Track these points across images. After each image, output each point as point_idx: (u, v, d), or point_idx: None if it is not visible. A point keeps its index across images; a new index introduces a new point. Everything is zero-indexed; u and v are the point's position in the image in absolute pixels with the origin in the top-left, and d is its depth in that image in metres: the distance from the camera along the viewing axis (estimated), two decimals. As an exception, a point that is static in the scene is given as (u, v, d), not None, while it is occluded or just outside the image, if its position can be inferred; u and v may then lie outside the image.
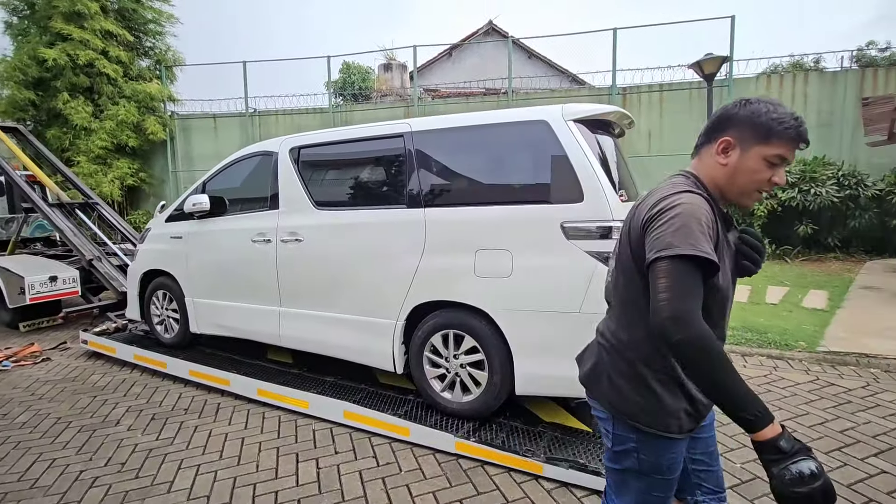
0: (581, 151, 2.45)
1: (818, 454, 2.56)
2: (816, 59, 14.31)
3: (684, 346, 0.99)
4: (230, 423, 3.13)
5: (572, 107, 2.55)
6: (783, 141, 1.12)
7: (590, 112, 2.56)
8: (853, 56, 15.64)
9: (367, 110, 12.67)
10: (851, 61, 14.33)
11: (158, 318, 4.28)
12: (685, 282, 1.01)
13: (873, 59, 15.46)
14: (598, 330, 1.36)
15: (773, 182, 1.15)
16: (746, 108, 1.14)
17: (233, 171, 3.81)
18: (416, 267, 2.83)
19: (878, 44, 16.68)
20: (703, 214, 1.07)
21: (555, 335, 2.50)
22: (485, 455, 2.55)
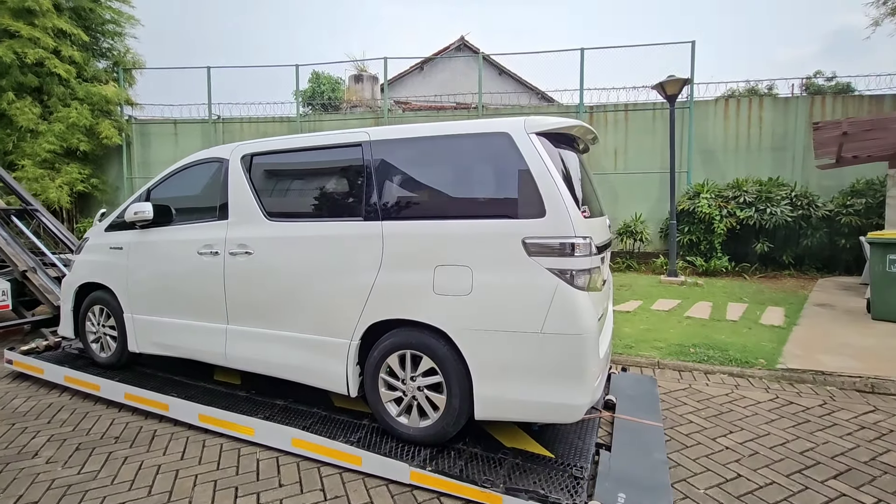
0: (543, 165, 2.37)
1: (780, 477, 2.52)
2: (770, 85, 15.09)
3: None
4: (165, 453, 2.85)
5: (535, 119, 2.48)
6: None
7: (552, 125, 2.49)
8: (803, 84, 16.59)
9: (336, 120, 12.49)
10: (801, 89, 15.18)
11: (94, 336, 3.93)
12: None
13: (820, 88, 16.47)
14: None
15: None
16: None
17: (180, 178, 3.57)
18: (373, 283, 2.67)
19: (825, 73, 17.83)
20: None
21: (515, 356, 2.37)
22: (441, 486, 2.38)
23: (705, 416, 3.28)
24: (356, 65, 14.20)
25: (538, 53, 11.60)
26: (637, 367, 4.30)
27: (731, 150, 10.56)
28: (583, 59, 10.74)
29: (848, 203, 9.03)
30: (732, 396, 3.62)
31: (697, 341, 4.77)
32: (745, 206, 9.19)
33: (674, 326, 5.39)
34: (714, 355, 4.37)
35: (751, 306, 6.36)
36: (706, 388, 3.81)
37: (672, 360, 4.30)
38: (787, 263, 9.25)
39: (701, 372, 4.14)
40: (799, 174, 10.16)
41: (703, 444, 2.89)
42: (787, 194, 9.18)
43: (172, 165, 3.62)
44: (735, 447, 2.85)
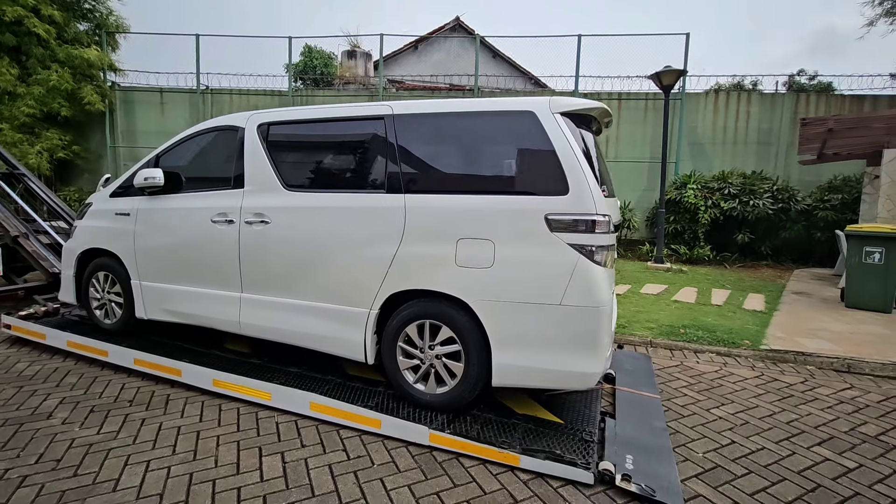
0: (567, 144, 2.46)
1: (770, 444, 2.73)
2: (755, 81, 15.42)
3: None
4: (183, 416, 2.90)
5: (559, 99, 2.56)
6: None
7: (576, 106, 2.58)
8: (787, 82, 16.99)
9: (330, 96, 12.29)
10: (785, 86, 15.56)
11: (98, 302, 3.90)
12: None
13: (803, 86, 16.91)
14: None
15: None
16: None
17: (191, 145, 3.54)
18: (394, 254, 2.74)
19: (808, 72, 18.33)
20: None
21: (534, 326, 2.49)
22: (460, 447, 2.51)
23: (697, 390, 3.49)
24: (350, 40, 13.95)
25: (535, 38, 11.57)
26: (631, 345, 4.50)
27: (719, 143, 10.84)
28: (580, 45, 10.79)
29: (825, 198, 9.43)
30: (721, 373, 3.84)
31: (686, 322, 5.00)
32: (729, 197, 9.50)
33: (663, 309, 5.62)
34: (703, 336, 4.60)
35: (733, 293, 6.65)
36: (697, 365, 4.03)
37: (663, 340, 4.52)
38: (766, 254, 9.64)
39: (691, 351, 4.36)
40: (781, 169, 10.51)
41: (698, 415, 3.09)
42: (769, 188, 9.52)
43: (183, 132, 3.58)
44: (727, 417, 3.06)
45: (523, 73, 16.58)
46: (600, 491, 2.24)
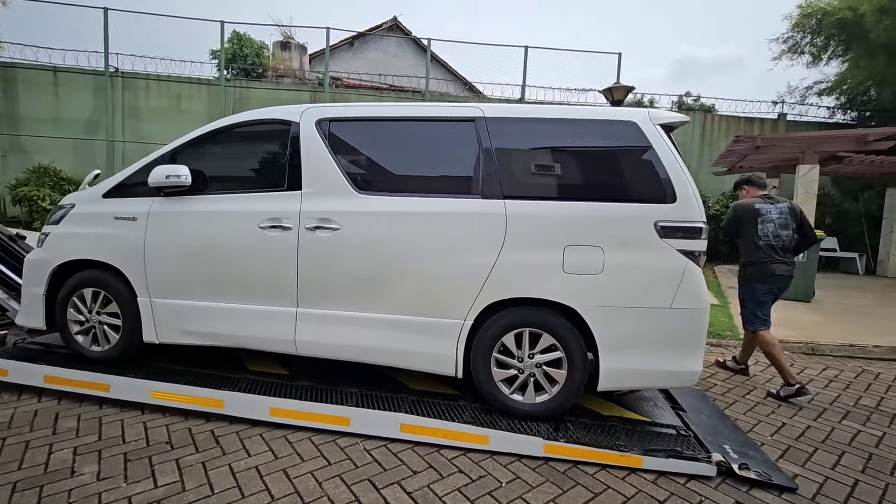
0: (671, 154, 2.59)
1: (813, 423, 3.13)
2: (652, 99, 17.42)
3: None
4: (250, 454, 2.50)
5: (658, 112, 2.68)
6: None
7: (673, 119, 2.72)
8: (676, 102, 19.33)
9: (268, 89, 11.37)
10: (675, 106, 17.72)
11: (82, 326, 3.19)
12: None
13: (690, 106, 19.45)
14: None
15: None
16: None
17: (221, 139, 3.07)
18: (494, 263, 2.65)
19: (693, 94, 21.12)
20: None
21: (643, 330, 2.58)
22: (580, 455, 2.50)
23: (721, 379, 3.87)
24: (283, 31, 13.04)
25: (482, 45, 11.86)
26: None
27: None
28: (526, 56, 11.30)
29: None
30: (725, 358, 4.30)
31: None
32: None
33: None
34: (692, 329, 5.10)
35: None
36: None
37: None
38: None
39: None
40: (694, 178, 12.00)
41: (740, 402, 3.43)
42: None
43: (208, 125, 3.08)
44: (765, 402, 3.44)
45: (458, 77, 16.86)
46: (721, 482, 2.39)
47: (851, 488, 2.40)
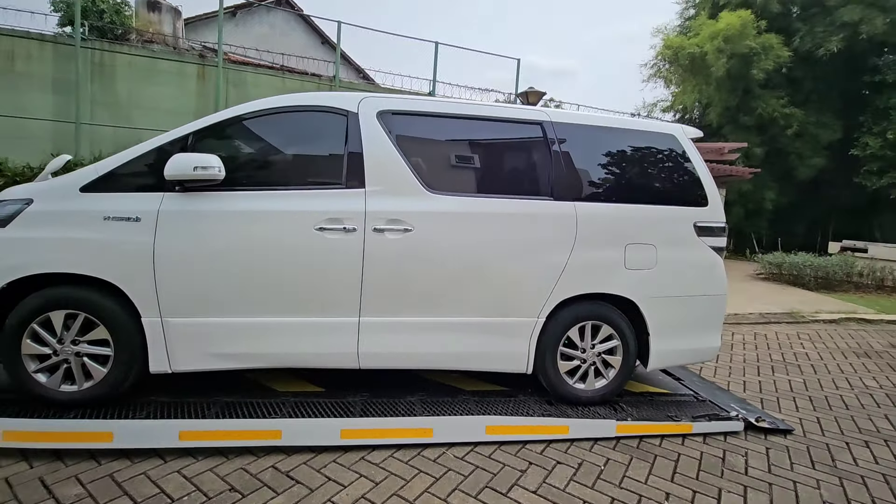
0: (703, 164, 3.04)
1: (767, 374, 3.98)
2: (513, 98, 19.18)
3: None
4: (344, 485, 2.23)
5: (687, 127, 3.11)
6: None
7: (697, 134, 3.16)
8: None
9: (142, 56, 9.44)
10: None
11: (43, 362, 2.41)
12: None
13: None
14: None
15: None
16: None
17: (255, 125, 2.59)
18: (566, 261, 2.79)
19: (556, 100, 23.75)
20: None
21: (684, 315, 3.00)
22: (644, 430, 2.81)
23: (677, 351, 4.62)
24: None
25: (393, 35, 11.54)
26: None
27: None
28: (437, 52, 11.40)
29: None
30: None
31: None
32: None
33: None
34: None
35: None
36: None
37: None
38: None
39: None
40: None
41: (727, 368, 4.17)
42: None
43: (237, 107, 2.57)
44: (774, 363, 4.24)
45: (350, 63, 16.18)
46: (745, 434, 2.94)
47: (818, 423, 3.18)
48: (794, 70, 11.95)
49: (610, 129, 2.99)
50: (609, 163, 2.99)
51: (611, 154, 2.99)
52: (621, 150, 3.00)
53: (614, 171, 2.99)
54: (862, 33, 10.81)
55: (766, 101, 12.07)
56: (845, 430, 3.12)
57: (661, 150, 3.04)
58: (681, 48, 11.11)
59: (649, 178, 3.06)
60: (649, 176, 3.06)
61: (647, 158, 3.05)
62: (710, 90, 11.64)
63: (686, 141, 3.05)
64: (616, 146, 2.99)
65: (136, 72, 9.57)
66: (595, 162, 2.96)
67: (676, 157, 3.03)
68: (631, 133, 3.01)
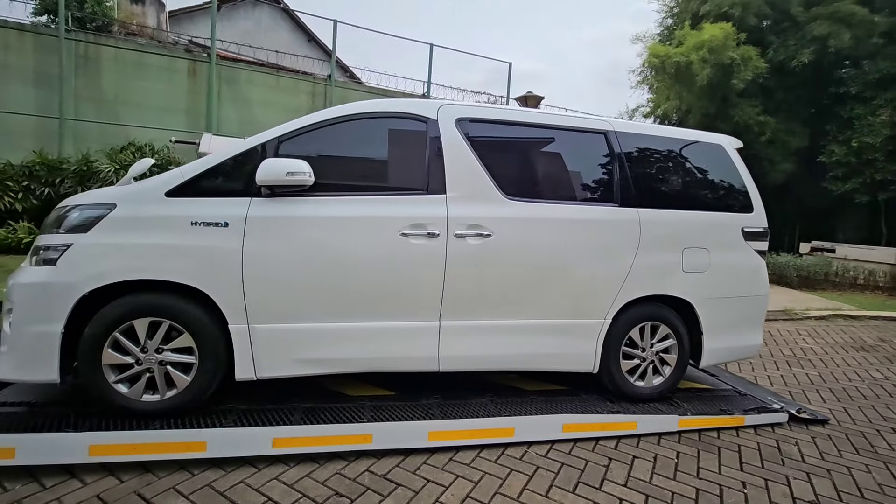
0: (747, 172, 3.24)
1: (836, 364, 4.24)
2: (496, 99, 19.50)
3: None
4: (446, 486, 2.28)
5: (732, 138, 3.30)
6: None
7: (740, 145, 3.36)
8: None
9: (128, 49, 9.07)
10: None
11: (123, 372, 2.34)
12: None
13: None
14: None
15: None
16: None
17: (335, 131, 2.60)
18: (631, 264, 2.92)
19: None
20: None
21: (732, 315, 3.19)
22: (703, 424, 2.97)
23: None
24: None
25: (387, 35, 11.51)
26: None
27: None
28: (431, 53, 11.47)
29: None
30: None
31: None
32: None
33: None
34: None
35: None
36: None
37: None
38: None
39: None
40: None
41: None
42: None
43: (317, 114, 2.57)
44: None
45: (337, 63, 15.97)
46: (789, 425, 3.16)
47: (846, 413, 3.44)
48: (767, 80, 12.63)
49: (664, 138, 3.15)
50: (666, 171, 3.15)
51: (667, 162, 3.14)
52: (676, 158, 3.16)
53: (671, 178, 3.15)
54: (830, 47, 11.56)
55: (742, 109, 12.72)
56: (871, 418, 3.39)
57: (711, 158, 3.23)
58: (667, 57, 11.60)
59: (702, 186, 3.23)
60: (702, 183, 3.24)
61: (699, 167, 3.22)
62: (692, 98, 12.17)
63: (732, 150, 3.25)
64: (671, 155, 3.15)
65: (124, 66, 9.22)
66: (653, 170, 3.11)
67: (724, 165, 3.22)
68: (683, 143, 3.18)
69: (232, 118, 10.24)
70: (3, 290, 2.45)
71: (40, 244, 2.35)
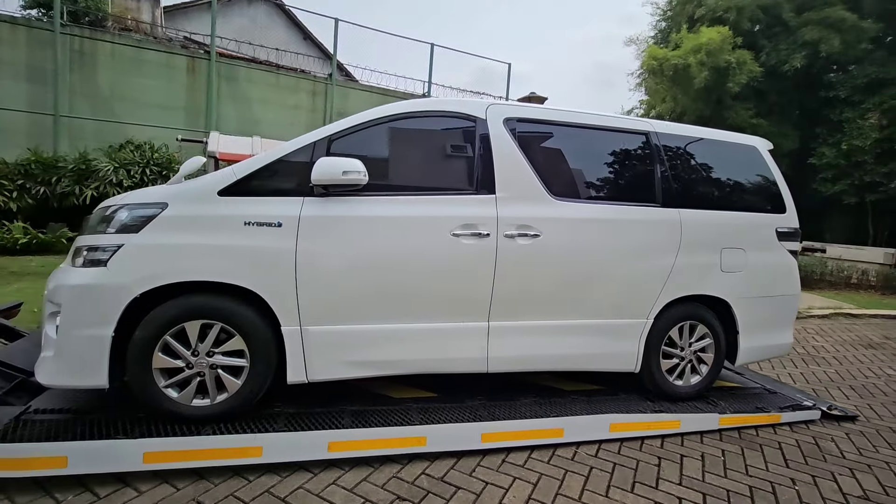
0: (779, 173, 3.29)
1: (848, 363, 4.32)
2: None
3: None
4: (506, 489, 2.26)
5: (765, 141, 3.35)
6: None
7: (771, 146, 3.41)
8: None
9: (124, 45, 8.85)
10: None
11: (172, 376, 2.28)
12: None
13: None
14: None
15: None
16: None
17: (385, 131, 2.56)
18: (672, 265, 2.94)
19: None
20: None
21: (766, 314, 3.23)
22: (743, 421, 3.01)
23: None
24: (128, -29, 10.24)
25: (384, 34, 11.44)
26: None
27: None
28: (432, 53, 11.44)
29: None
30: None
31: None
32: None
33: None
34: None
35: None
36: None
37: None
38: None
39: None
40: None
41: (748, 362, 4.47)
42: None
43: (365, 113, 2.53)
44: (758, 360, 4.56)
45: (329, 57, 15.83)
46: (822, 422, 3.22)
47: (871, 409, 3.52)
48: (761, 84, 12.91)
49: (701, 139, 3.18)
50: (704, 171, 3.17)
51: (704, 163, 3.18)
52: (713, 159, 3.19)
53: (709, 179, 3.18)
54: (822, 52, 11.86)
55: (736, 111, 12.98)
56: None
57: (746, 159, 3.27)
58: (665, 59, 11.77)
59: (738, 187, 3.27)
60: (738, 184, 3.27)
61: (735, 168, 3.26)
62: (687, 100, 12.38)
63: (765, 151, 3.30)
64: (708, 156, 3.18)
65: (120, 62, 9.01)
66: (692, 170, 3.14)
67: (759, 166, 3.27)
68: (720, 144, 3.22)
69: (231, 116, 10.08)
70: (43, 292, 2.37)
71: (85, 244, 2.27)
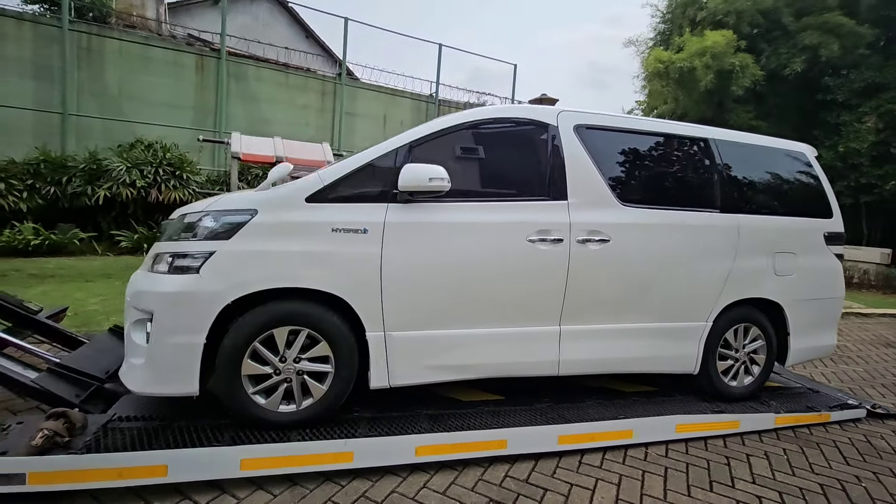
0: (826, 179, 3.38)
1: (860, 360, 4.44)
2: (485, 101, 19.69)
3: None
4: (593, 490, 2.31)
5: (811, 147, 3.45)
6: None
7: (817, 152, 3.51)
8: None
9: (133, 42, 8.71)
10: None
11: (260, 383, 2.28)
12: None
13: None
14: None
15: None
16: None
17: (460, 137, 2.59)
18: (730, 268, 3.01)
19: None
20: None
21: (815, 316, 3.33)
22: (797, 421, 3.10)
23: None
24: (133, -33, 10.07)
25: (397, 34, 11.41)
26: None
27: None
28: (440, 54, 11.43)
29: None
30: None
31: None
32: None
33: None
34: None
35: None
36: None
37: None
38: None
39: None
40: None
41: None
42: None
43: (440, 120, 2.56)
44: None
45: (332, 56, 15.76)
46: (868, 420, 3.32)
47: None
48: (762, 87, 13.14)
49: (754, 146, 3.26)
50: (758, 177, 3.25)
51: (758, 169, 3.25)
52: (765, 165, 3.28)
53: (763, 184, 3.26)
54: (822, 56, 12.12)
55: (737, 114, 13.20)
56: (933, 411, 3.60)
57: (796, 165, 3.36)
58: (670, 62, 11.93)
59: (790, 192, 3.36)
60: (789, 189, 3.36)
61: (786, 173, 3.35)
62: (689, 102, 12.56)
63: (812, 157, 3.39)
64: (761, 162, 3.27)
65: (128, 60, 8.88)
66: (747, 176, 3.21)
67: (807, 171, 3.36)
68: (771, 150, 3.31)
69: (240, 115, 9.98)
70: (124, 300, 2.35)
71: (168, 251, 2.26)
